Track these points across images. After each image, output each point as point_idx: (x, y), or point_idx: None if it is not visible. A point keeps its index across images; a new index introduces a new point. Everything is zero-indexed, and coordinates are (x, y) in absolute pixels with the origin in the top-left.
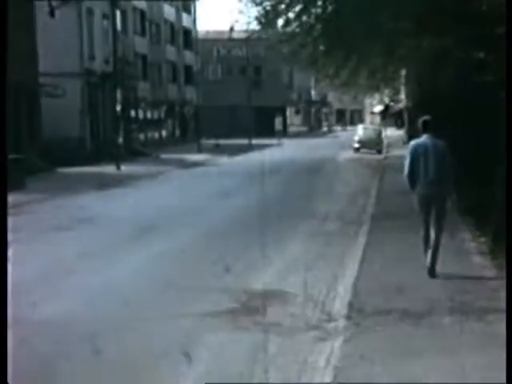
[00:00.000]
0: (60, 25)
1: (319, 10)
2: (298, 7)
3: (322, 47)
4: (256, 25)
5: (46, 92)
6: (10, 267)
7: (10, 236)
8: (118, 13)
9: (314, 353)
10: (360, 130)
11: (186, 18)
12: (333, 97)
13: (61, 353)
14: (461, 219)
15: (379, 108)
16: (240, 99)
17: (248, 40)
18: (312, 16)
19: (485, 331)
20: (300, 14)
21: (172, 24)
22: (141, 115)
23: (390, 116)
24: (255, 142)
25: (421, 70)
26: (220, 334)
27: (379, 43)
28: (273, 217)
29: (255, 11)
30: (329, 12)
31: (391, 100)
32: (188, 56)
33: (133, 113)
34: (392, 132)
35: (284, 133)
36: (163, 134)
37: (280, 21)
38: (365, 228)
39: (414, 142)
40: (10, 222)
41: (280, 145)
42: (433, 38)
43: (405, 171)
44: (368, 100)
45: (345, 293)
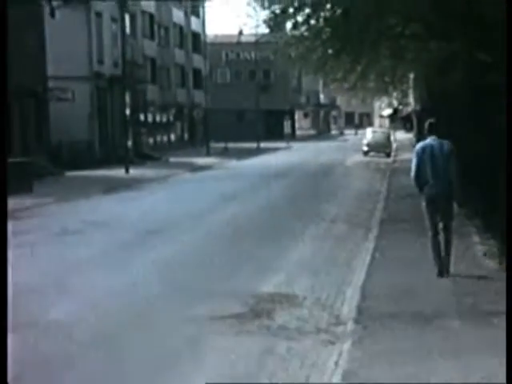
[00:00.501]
0: (69, 28)
1: (328, 14)
2: (307, 11)
3: (331, 51)
4: (264, 28)
5: (55, 96)
6: (16, 270)
7: (17, 239)
8: (127, 16)
9: (323, 356)
10: (369, 134)
11: (195, 22)
12: (341, 100)
13: (67, 355)
14: (469, 222)
15: (388, 111)
16: (248, 103)
17: (256, 43)
18: (320, 19)
19: (493, 334)
20: (308, 18)
21: (181, 27)
22: (150, 119)
23: (399, 119)
24: (264, 146)
25: (429, 74)
26: (228, 338)
27: (388, 46)
28: (282, 220)
29: (264, 15)
30: (337, 15)
31: (400, 103)
32: (197, 59)
33: (142, 116)
34: (401, 135)
35: (292, 136)
36: (172, 138)
37: (288, 24)
38: (373, 231)
39: (421, 144)
40: (17, 226)
41: (288, 148)
42: (441, 42)
43: (412, 173)
44: (377, 103)
45: (353, 296)
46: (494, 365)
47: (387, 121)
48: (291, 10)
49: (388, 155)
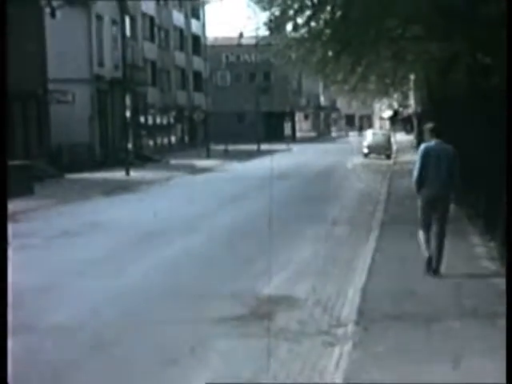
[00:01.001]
0: (69, 31)
1: (328, 16)
2: (307, 13)
3: (331, 52)
4: (265, 30)
5: (55, 98)
6: (16, 273)
7: (17, 242)
8: (127, 19)
9: (324, 358)
10: (369, 136)
11: (195, 24)
12: (342, 102)
13: (68, 359)
14: (470, 224)
15: (388, 113)
16: (249, 105)
17: (257, 46)
18: (321, 21)
19: (493, 336)
20: (309, 20)
21: (181, 30)
22: (150, 121)
23: (399, 121)
24: (264, 148)
25: (430, 75)
26: (229, 340)
27: (388, 48)
28: (282, 221)
29: (264, 17)
30: (337, 17)
31: (400, 105)
32: (197, 62)
33: (142, 119)
34: (401, 137)
35: (293, 138)
36: (172, 140)
37: (289, 26)
38: (374, 233)
39: (425, 146)
40: (18, 228)
41: (289, 150)
42: (441, 43)
43: (415, 173)
44: (377, 105)
45: (354, 297)
46: (496, 368)
47: (387, 123)
48: (291, 12)
49: (388, 157)
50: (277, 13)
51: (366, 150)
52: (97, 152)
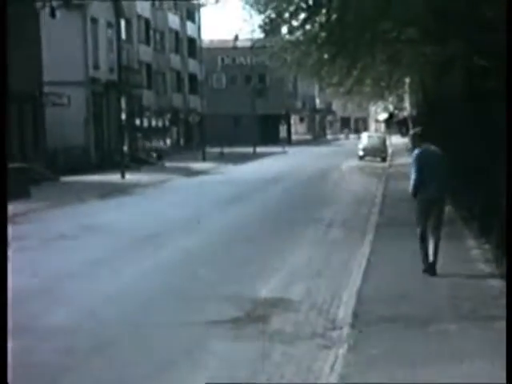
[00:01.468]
0: (64, 34)
1: (323, 19)
2: (302, 15)
3: (326, 55)
4: (260, 33)
5: (51, 101)
6: (13, 275)
7: (15, 244)
8: (123, 21)
9: (319, 360)
10: (364, 138)
11: (191, 27)
12: (337, 105)
13: (64, 360)
14: (465, 226)
15: (384, 116)
16: (244, 107)
17: (252, 48)
18: (316, 24)
19: (488, 338)
20: (304, 23)
21: (176, 33)
22: (145, 124)
23: (395, 124)
24: (259, 151)
25: (425, 78)
26: (224, 343)
27: (383, 51)
28: (278, 224)
29: (259, 19)
30: (333, 20)
31: (396, 108)
32: (192, 64)
33: (137, 121)
34: (397, 140)
35: (288, 141)
36: (168, 143)
37: (284, 29)
38: (369, 236)
39: (420, 150)
40: (15, 231)
41: (284, 153)
42: (437, 46)
43: (412, 177)
44: (372, 108)
45: (349, 300)
46: (494, 371)
47: (383, 125)
48: (286, 15)
49: (384, 160)
50: (272, 15)
51: (362, 153)
52: (92, 155)
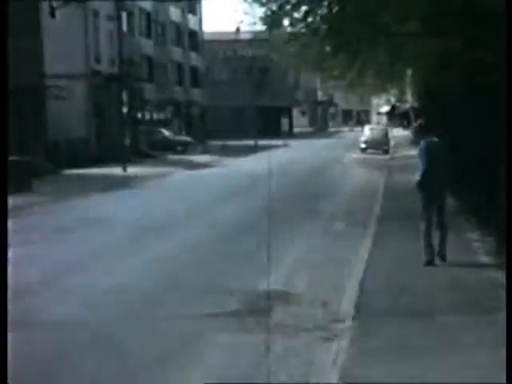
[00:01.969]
0: (66, 27)
1: (325, 11)
2: (304, 8)
3: (328, 48)
4: (261, 25)
5: (52, 94)
6: (14, 269)
7: (17, 238)
8: (124, 14)
9: (320, 353)
10: (367, 131)
11: (192, 19)
12: (339, 97)
13: (64, 354)
14: (465, 219)
15: (386, 108)
16: (246, 100)
17: (254, 41)
18: (318, 17)
19: (489, 330)
20: (306, 15)
21: (178, 25)
22: (147, 116)
23: (397, 116)
24: (261, 143)
25: (427, 71)
26: (225, 335)
27: (385, 44)
28: (280, 217)
29: (261, 12)
30: (334, 13)
31: (398, 100)
32: (194, 57)
33: (139, 114)
34: (398, 132)
35: (290, 133)
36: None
37: (286, 21)
38: (371, 229)
39: (426, 142)
40: (16, 224)
41: (286, 146)
42: (438, 39)
43: (421, 169)
44: (374, 100)
45: (351, 292)
46: (493, 361)
47: (385, 118)
48: (288, 7)
49: (386, 152)
50: (274, 8)
51: (364, 145)
52: (94, 148)
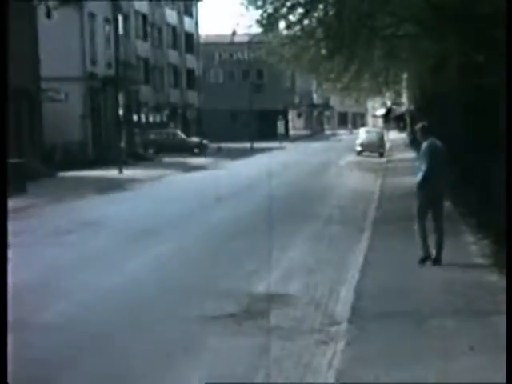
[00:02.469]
0: (62, 29)
1: (321, 14)
2: (300, 11)
3: (324, 51)
4: (257, 28)
5: (48, 96)
6: (11, 270)
7: (11, 240)
8: (120, 17)
9: (317, 356)
10: (362, 133)
11: (188, 22)
12: (335, 100)
13: (62, 355)
14: (462, 221)
15: (381, 111)
16: (242, 103)
17: (250, 44)
18: (314, 20)
19: (486, 333)
20: (302, 18)
21: (174, 28)
22: (143, 119)
23: (393, 119)
24: (257, 146)
25: (422, 73)
26: (222, 338)
27: (381, 47)
28: (276, 220)
29: (257, 14)
30: (330, 16)
31: (393, 103)
32: (190, 60)
33: (135, 117)
34: (394, 135)
35: (286, 136)
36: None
37: (281, 24)
38: (367, 232)
39: (430, 143)
40: (12, 226)
41: (282, 148)
42: (434, 42)
43: (424, 169)
44: (370, 103)
45: (347, 295)
46: (490, 365)
47: (381, 121)
48: (284, 10)
49: (381, 155)
50: (270, 10)
51: (359, 148)
52: (89, 150)
